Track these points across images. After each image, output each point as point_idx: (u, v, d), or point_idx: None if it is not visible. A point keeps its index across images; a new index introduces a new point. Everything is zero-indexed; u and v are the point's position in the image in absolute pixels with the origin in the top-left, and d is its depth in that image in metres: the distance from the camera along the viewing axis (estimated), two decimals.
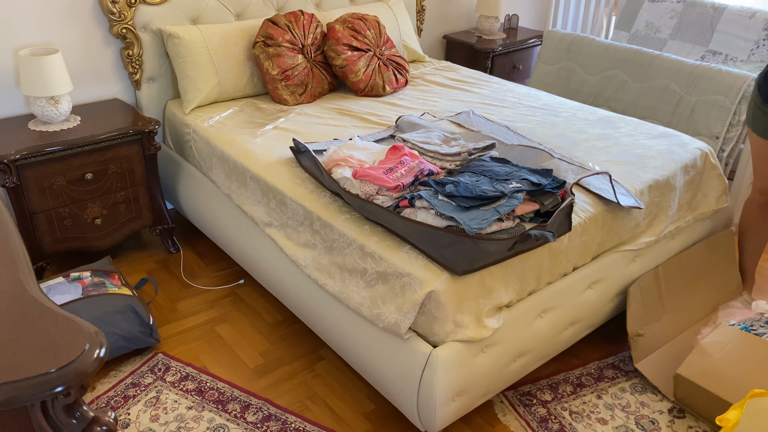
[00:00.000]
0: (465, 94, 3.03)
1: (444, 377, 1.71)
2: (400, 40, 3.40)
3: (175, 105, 2.89)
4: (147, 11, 2.73)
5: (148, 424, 2.00)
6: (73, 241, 2.56)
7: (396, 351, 1.81)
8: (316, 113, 2.76)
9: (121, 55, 2.79)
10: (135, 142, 2.58)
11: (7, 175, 2.30)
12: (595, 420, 2.03)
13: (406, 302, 1.72)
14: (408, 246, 1.80)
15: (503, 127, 2.53)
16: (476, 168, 1.96)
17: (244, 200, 2.37)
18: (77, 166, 2.47)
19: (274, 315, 2.52)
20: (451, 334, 1.72)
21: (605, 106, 3.37)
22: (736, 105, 2.86)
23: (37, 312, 1.10)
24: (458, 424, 2.01)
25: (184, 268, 2.80)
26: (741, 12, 3.37)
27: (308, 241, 2.08)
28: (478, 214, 1.72)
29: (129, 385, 2.15)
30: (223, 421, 2.01)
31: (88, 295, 2.20)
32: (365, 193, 1.90)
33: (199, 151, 2.65)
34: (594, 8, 4.39)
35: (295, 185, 2.15)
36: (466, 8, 4.18)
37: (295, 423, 2.01)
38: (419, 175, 1.93)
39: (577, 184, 2.11)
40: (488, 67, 3.87)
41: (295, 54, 2.85)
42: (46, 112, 2.48)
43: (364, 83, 2.97)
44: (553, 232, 1.75)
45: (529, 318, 1.92)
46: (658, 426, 2.01)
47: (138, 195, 2.68)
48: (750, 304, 2.46)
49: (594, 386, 2.17)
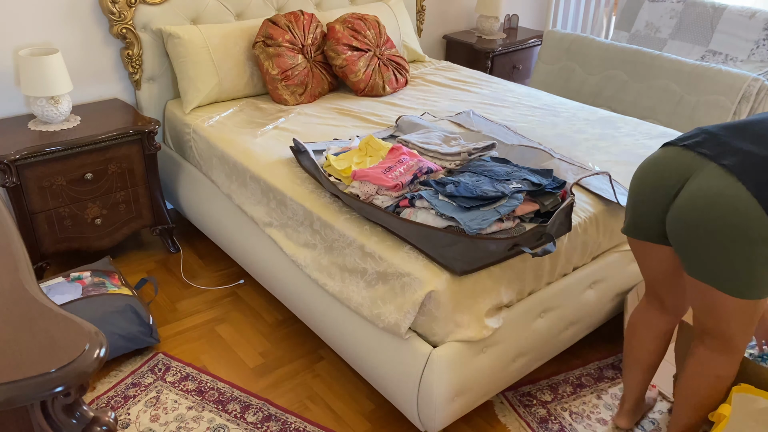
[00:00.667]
0: (465, 94, 3.03)
1: (444, 377, 1.71)
2: (400, 40, 3.40)
3: (175, 105, 2.89)
4: (147, 11, 2.73)
5: (148, 424, 2.00)
6: (73, 241, 2.56)
7: (396, 351, 1.81)
8: (316, 113, 2.76)
9: (121, 55, 2.79)
10: (135, 142, 2.58)
11: (7, 175, 2.30)
12: (595, 420, 2.03)
13: (406, 302, 1.72)
14: (408, 246, 1.80)
15: (503, 127, 2.53)
16: (476, 168, 1.96)
17: (244, 200, 2.37)
18: (77, 166, 2.47)
19: (274, 315, 2.52)
20: (451, 334, 1.72)
21: (605, 106, 3.37)
22: (736, 105, 2.86)
23: (37, 312, 1.10)
24: (458, 424, 2.01)
25: (184, 268, 2.80)
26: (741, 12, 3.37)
27: (308, 241, 2.08)
28: (479, 215, 1.72)
29: (129, 385, 2.15)
30: (223, 422, 2.01)
31: (88, 295, 2.20)
32: (365, 193, 1.90)
33: (199, 151, 2.65)
34: (594, 8, 4.39)
35: (295, 185, 2.15)
36: (466, 8, 4.18)
37: (295, 423, 2.01)
38: (418, 173, 1.93)
39: (577, 184, 2.11)
40: (488, 67, 3.87)
41: (295, 54, 2.85)
42: (46, 112, 2.48)
43: (364, 83, 2.97)
44: (553, 240, 1.75)
45: (529, 318, 1.92)
46: (658, 426, 2.01)
47: (138, 195, 2.68)
48: None
49: (594, 386, 2.17)
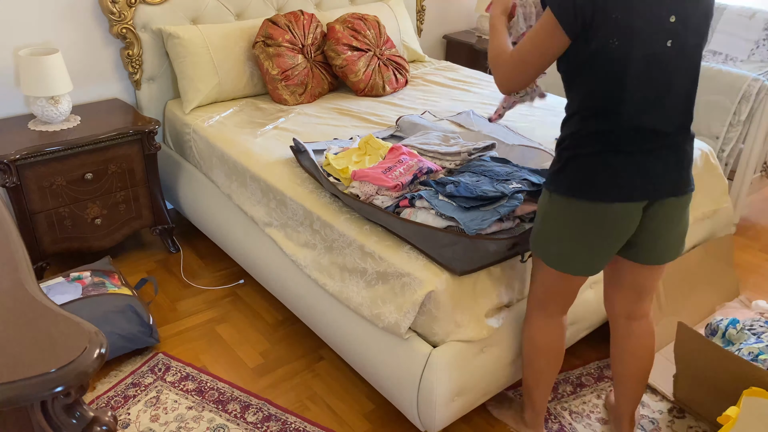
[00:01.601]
0: (465, 94, 3.03)
1: (444, 377, 1.71)
2: (400, 40, 3.40)
3: (175, 105, 2.89)
4: (147, 11, 2.73)
5: (148, 424, 2.00)
6: (73, 241, 2.56)
7: (396, 351, 1.81)
8: (316, 113, 2.76)
9: (121, 55, 2.79)
10: (135, 142, 2.58)
11: (7, 175, 2.30)
12: (595, 420, 2.03)
13: (406, 302, 1.72)
14: (408, 246, 1.80)
15: (503, 127, 2.53)
16: (476, 168, 1.96)
17: (244, 200, 2.37)
18: (77, 166, 2.47)
19: (274, 315, 2.52)
20: (451, 334, 1.72)
21: None
22: (736, 105, 2.86)
23: (37, 312, 1.10)
24: (458, 424, 2.01)
25: (184, 268, 2.80)
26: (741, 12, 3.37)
27: (308, 241, 2.08)
28: (479, 215, 1.72)
29: (129, 385, 2.15)
30: (223, 421, 2.01)
31: (88, 295, 2.20)
32: (365, 193, 1.90)
33: (199, 151, 2.65)
34: None
35: (295, 185, 2.15)
36: (466, 8, 4.18)
37: (295, 423, 2.01)
38: (418, 173, 1.93)
39: None
40: (488, 67, 3.87)
41: (295, 54, 2.85)
42: (46, 112, 2.48)
43: (364, 83, 2.97)
44: None
45: None
46: (658, 426, 2.01)
47: (138, 195, 2.68)
48: (749, 304, 2.46)
49: (594, 386, 2.17)
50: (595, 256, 1.59)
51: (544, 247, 1.63)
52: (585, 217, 1.53)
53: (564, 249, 1.60)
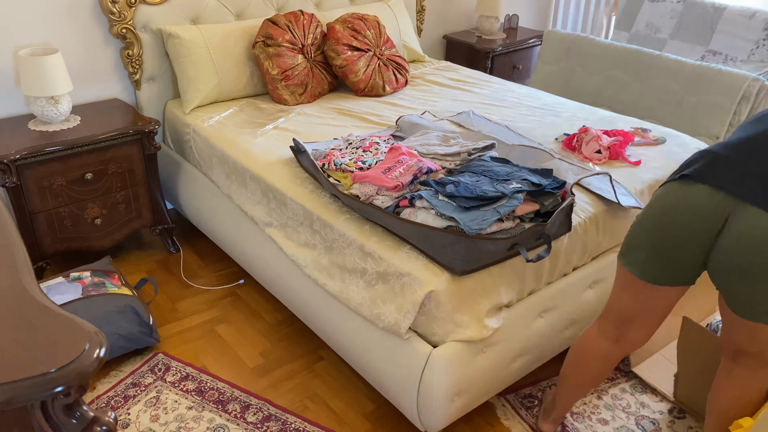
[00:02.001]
0: (465, 94, 3.03)
1: (444, 377, 1.71)
2: (400, 40, 3.40)
3: (175, 105, 2.89)
4: (147, 11, 2.73)
5: (148, 424, 2.00)
6: (73, 241, 2.56)
7: (396, 351, 1.81)
8: (316, 113, 2.76)
9: (121, 55, 2.79)
10: (135, 142, 2.58)
11: (7, 175, 2.30)
12: (596, 421, 2.03)
13: (406, 302, 1.72)
14: (408, 246, 1.80)
15: (503, 127, 2.53)
16: (476, 168, 1.96)
17: (244, 200, 2.37)
18: (77, 166, 2.47)
19: (274, 315, 2.52)
20: (451, 334, 1.72)
21: (605, 106, 3.37)
22: (736, 105, 2.86)
23: (37, 312, 1.10)
24: (458, 424, 2.01)
25: (184, 268, 2.80)
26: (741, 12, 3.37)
27: (308, 241, 2.08)
28: (479, 215, 1.72)
29: (129, 385, 2.15)
30: (223, 422, 2.01)
31: (88, 295, 2.20)
32: (365, 193, 1.90)
33: (199, 151, 2.65)
34: (594, 8, 4.39)
35: (295, 185, 2.15)
36: (466, 8, 4.18)
37: (295, 423, 2.01)
38: (418, 173, 1.93)
39: (577, 185, 2.11)
40: (488, 67, 3.87)
41: (295, 54, 2.85)
42: (46, 112, 2.48)
43: (364, 83, 2.97)
44: (549, 244, 1.76)
45: (529, 318, 1.92)
46: (659, 426, 2.01)
47: (138, 195, 2.68)
48: None
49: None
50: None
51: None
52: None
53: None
